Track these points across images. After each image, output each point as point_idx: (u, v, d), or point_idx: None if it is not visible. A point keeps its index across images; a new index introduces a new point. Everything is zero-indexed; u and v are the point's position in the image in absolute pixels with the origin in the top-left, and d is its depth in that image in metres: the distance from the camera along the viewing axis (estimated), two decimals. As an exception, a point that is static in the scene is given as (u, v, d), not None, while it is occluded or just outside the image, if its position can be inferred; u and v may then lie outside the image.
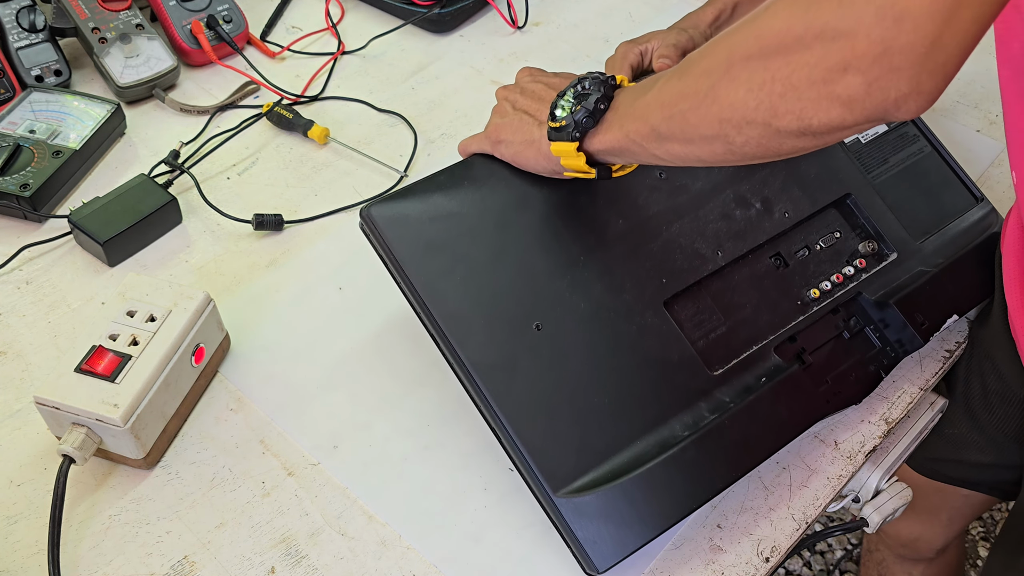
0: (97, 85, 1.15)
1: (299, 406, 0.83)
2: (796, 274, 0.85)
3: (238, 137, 1.09)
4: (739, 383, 0.78)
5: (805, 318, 0.83)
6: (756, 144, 0.61)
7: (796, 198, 0.87)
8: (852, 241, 0.88)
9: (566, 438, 0.72)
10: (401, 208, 0.77)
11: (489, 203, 0.79)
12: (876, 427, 0.84)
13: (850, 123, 0.56)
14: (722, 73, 0.60)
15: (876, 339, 0.84)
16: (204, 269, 0.95)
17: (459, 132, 1.10)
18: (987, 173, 1.07)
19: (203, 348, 0.81)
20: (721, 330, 0.81)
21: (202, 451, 0.80)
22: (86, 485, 0.78)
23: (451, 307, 0.74)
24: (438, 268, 0.75)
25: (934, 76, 0.53)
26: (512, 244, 0.77)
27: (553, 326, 0.75)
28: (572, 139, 0.72)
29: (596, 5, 1.31)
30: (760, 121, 0.59)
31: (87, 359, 0.76)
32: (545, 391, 0.73)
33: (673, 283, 0.80)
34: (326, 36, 1.24)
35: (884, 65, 0.52)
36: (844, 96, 0.54)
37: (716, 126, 0.62)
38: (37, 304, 0.91)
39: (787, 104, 0.57)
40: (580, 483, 0.70)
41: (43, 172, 0.97)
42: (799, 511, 0.78)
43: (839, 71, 0.54)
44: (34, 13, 1.12)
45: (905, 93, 0.53)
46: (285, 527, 0.75)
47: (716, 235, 0.83)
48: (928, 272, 0.87)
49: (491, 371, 0.73)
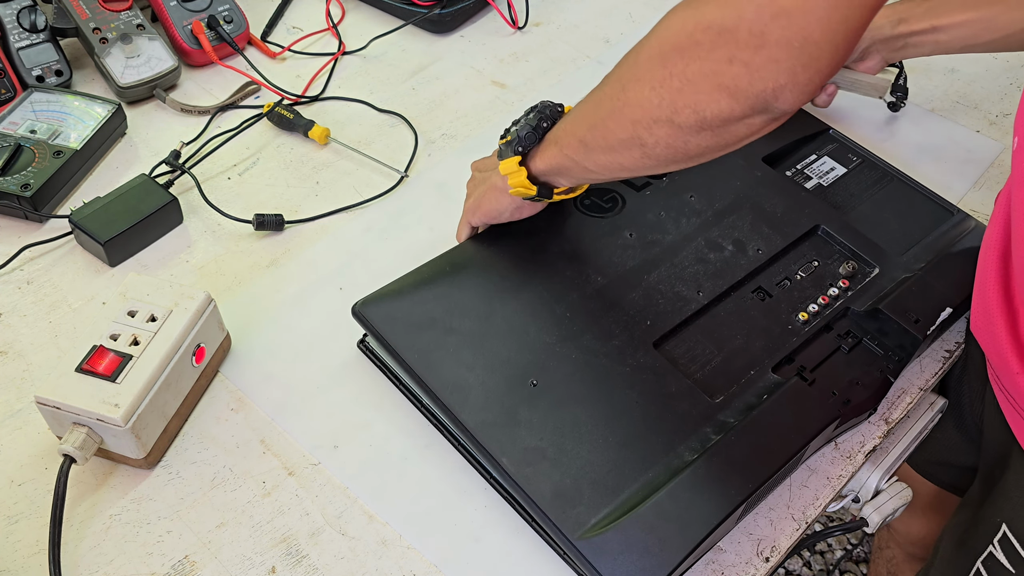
0: (98, 85, 1.15)
1: (300, 406, 0.83)
2: (782, 302, 0.87)
3: (239, 137, 1.09)
4: (741, 404, 0.78)
5: (799, 340, 0.84)
6: (666, 144, 0.66)
7: (767, 235, 0.91)
8: (832, 266, 0.90)
9: (575, 481, 0.72)
10: (389, 298, 0.83)
11: (473, 280, 0.85)
12: (876, 427, 0.84)
13: (738, 113, 0.61)
14: (631, 76, 0.66)
15: (876, 347, 0.84)
16: (205, 269, 0.95)
17: (459, 132, 1.11)
18: (987, 173, 1.07)
19: (204, 348, 0.82)
20: (716, 361, 0.82)
21: (203, 451, 0.80)
22: (87, 485, 0.78)
23: (446, 377, 0.77)
24: (430, 344, 0.79)
25: (807, 69, 0.58)
26: (498, 311, 0.82)
27: (548, 378, 0.78)
28: (515, 152, 0.79)
29: (596, 5, 1.31)
30: (664, 118, 0.64)
31: (88, 359, 0.76)
32: (549, 440, 0.74)
33: (660, 325, 0.83)
34: (327, 36, 1.24)
35: (763, 56, 0.57)
36: (731, 86, 0.59)
37: (630, 128, 0.67)
38: (38, 304, 0.91)
39: (684, 98, 0.62)
40: (596, 520, 0.70)
41: (44, 172, 0.97)
42: (799, 511, 0.78)
43: (725, 62, 0.59)
44: (35, 13, 1.12)
45: (783, 84, 0.58)
46: (286, 527, 0.76)
47: (695, 278, 0.87)
48: (912, 276, 0.89)
49: (492, 429, 0.75)
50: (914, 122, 1.13)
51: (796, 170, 1.00)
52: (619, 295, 0.84)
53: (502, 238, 0.88)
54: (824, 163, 1.01)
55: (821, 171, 1.00)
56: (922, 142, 1.10)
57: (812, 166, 1.00)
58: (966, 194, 1.05)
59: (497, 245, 0.88)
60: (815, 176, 0.99)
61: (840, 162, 1.01)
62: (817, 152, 1.02)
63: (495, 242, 0.88)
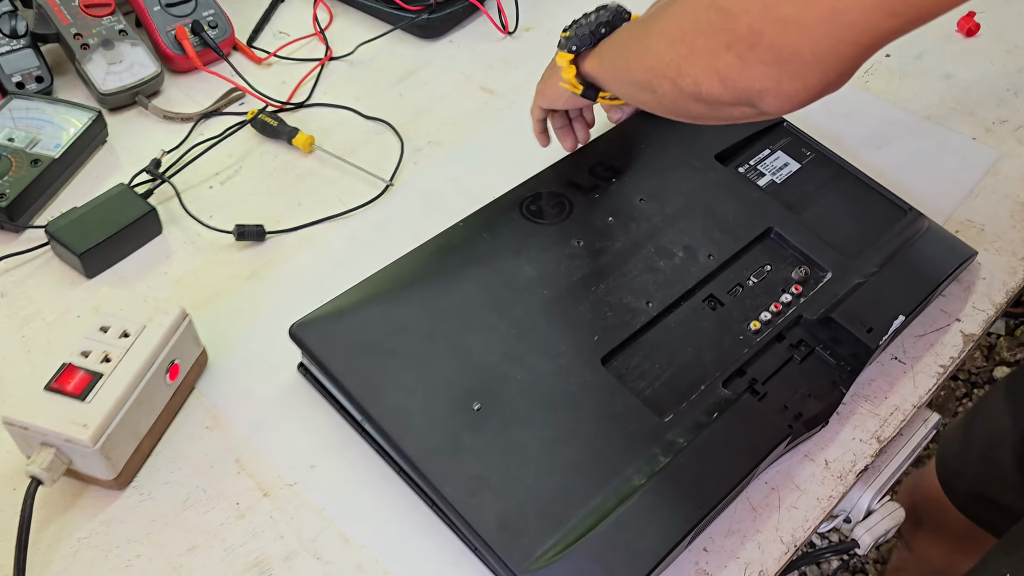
0: (80, 92, 1.13)
1: (277, 423, 0.81)
2: (733, 311, 0.85)
3: (222, 145, 1.07)
4: (691, 423, 0.76)
5: (750, 351, 0.82)
6: (671, 99, 0.69)
7: (719, 240, 0.89)
8: (785, 270, 0.88)
9: (521, 510, 0.70)
10: (328, 318, 0.80)
11: (414, 297, 0.83)
12: (868, 445, 0.82)
13: (727, 99, 0.63)
14: (658, 26, 0.69)
15: (829, 357, 0.83)
16: (184, 281, 0.93)
17: (447, 140, 1.09)
18: (983, 182, 1.05)
19: (178, 364, 0.80)
20: (665, 376, 0.80)
21: (176, 471, 0.78)
22: (55, 506, 0.76)
23: (387, 403, 0.75)
24: (370, 367, 0.77)
25: (792, 82, 0.59)
26: (440, 330, 0.79)
27: (492, 401, 0.75)
28: (568, 51, 0.82)
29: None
30: (669, 77, 0.67)
31: (56, 377, 0.74)
32: (492, 467, 0.72)
33: (607, 340, 0.80)
34: (314, 42, 1.22)
35: (755, 55, 0.59)
36: (723, 72, 0.62)
37: (644, 72, 0.71)
38: (11, 317, 0.89)
39: (687, 66, 0.65)
40: (543, 551, 0.68)
41: (20, 181, 0.95)
42: (788, 533, 0.76)
43: (723, 47, 0.61)
44: (15, 19, 1.10)
45: (767, 88, 0.60)
46: (259, 550, 0.74)
47: (644, 288, 0.85)
48: (864, 283, 0.87)
49: (434, 457, 0.72)
50: (908, 128, 1.11)
51: (749, 166, 0.98)
52: (566, 309, 0.82)
53: (445, 250, 0.86)
54: (778, 158, 0.99)
55: (775, 167, 0.98)
56: (916, 149, 1.08)
57: (765, 162, 0.98)
58: (961, 202, 1.03)
59: (441, 258, 0.85)
60: (768, 172, 0.97)
61: (794, 157, 0.99)
62: (771, 147, 1.00)
63: (439, 254, 0.86)
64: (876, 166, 1.01)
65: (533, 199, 0.90)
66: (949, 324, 0.91)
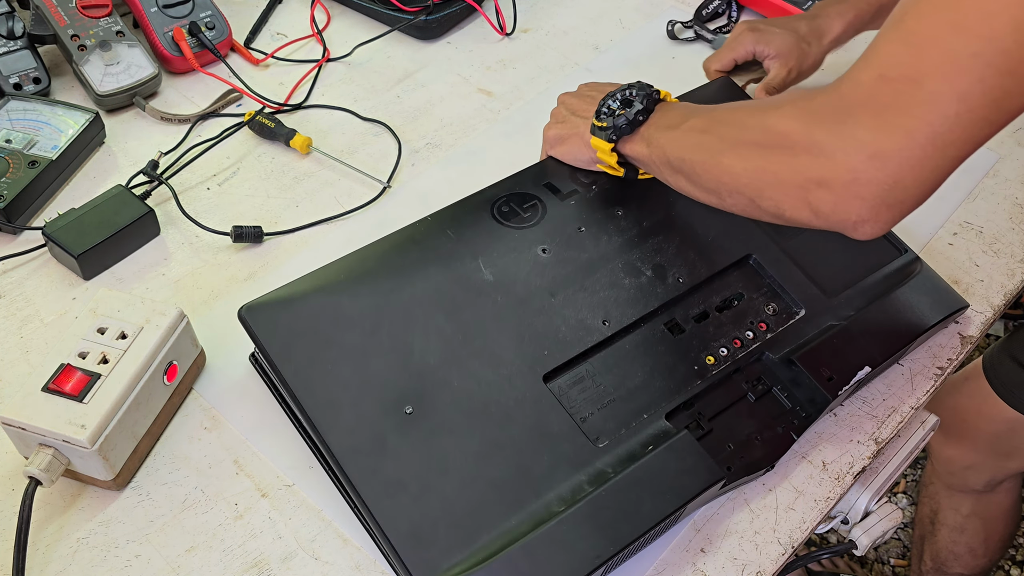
0: (77, 93, 1.13)
1: (275, 424, 0.81)
2: (694, 340, 0.82)
3: (219, 147, 1.07)
4: (624, 452, 0.74)
5: (703, 383, 0.79)
6: (740, 209, 0.71)
7: (692, 262, 0.85)
8: (757, 302, 0.85)
9: (435, 521, 0.68)
10: (276, 304, 0.78)
11: (366, 288, 0.80)
12: (865, 447, 0.82)
13: (815, 226, 0.65)
14: (732, 145, 0.69)
15: (785, 399, 0.80)
16: (181, 282, 0.93)
17: (444, 141, 1.09)
18: (982, 184, 1.05)
19: (176, 366, 0.80)
20: (609, 401, 0.77)
21: (174, 471, 0.78)
22: (54, 507, 0.76)
23: (319, 394, 0.73)
24: (308, 357, 0.75)
25: (891, 210, 0.61)
26: (385, 326, 0.77)
27: (425, 405, 0.73)
28: (609, 140, 0.83)
29: (585, 12, 1.29)
30: (747, 196, 0.69)
31: (54, 378, 0.74)
32: (413, 474, 0.70)
33: (555, 356, 0.78)
34: (311, 43, 1.22)
35: (851, 192, 0.60)
36: (814, 206, 0.63)
37: (714, 183, 0.72)
38: (9, 319, 0.89)
39: (770, 192, 0.66)
40: (448, 566, 0.66)
41: (18, 183, 0.95)
42: (785, 535, 0.76)
43: (815, 184, 0.62)
44: (12, 20, 1.10)
45: (864, 219, 0.62)
46: (258, 551, 0.74)
47: (603, 305, 0.81)
48: (837, 326, 0.83)
49: (356, 456, 0.71)
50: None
51: None
52: (518, 318, 0.79)
53: (407, 244, 0.84)
54: None
55: None
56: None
57: None
58: (960, 204, 1.03)
59: (401, 252, 0.83)
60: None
61: None
62: None
63: (399, 248, 0.83)
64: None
65: (507, 199, 0.88)
66: (947, 326, 0.91)
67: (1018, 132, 1.11)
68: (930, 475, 1.41)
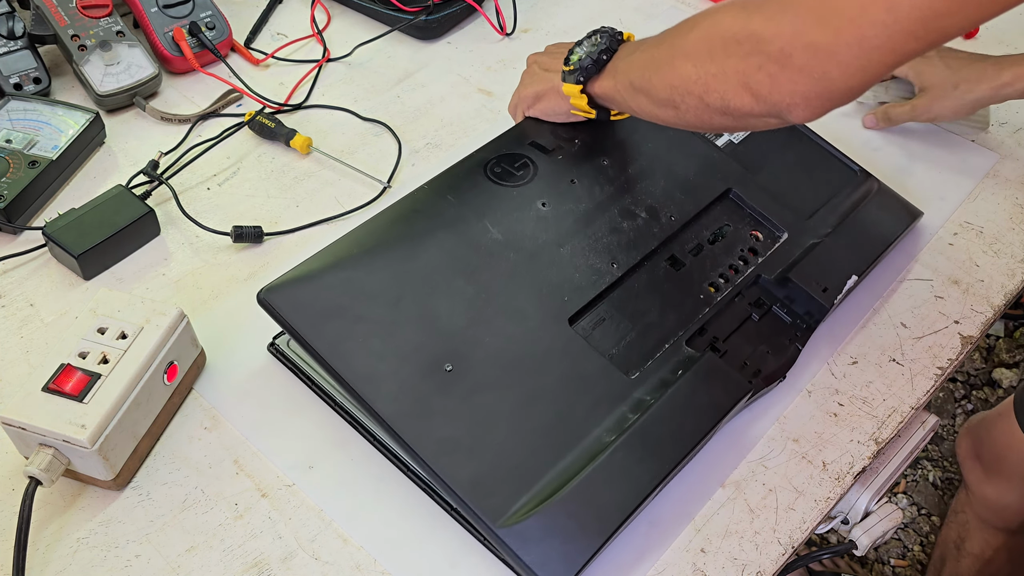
0: (77, 93, 1.13)
1: (275, 424, 0.81)
2: (694, 272, 0.88)
3: (219, 147, 1.07)
4: (657, 380, 0.79)
5: (711, 310, 0.85)
6: (694, 114, 0.75)
7: (680, 201, 0.91)
8: (743, 231, 0.92)
9: (494, 469, 0.71)
10: (295, 284, 0.79)
11: (380, 261, 0.82)
12: (865, 447, 0.82)
13: (756, 112, 0.70)
14: (680, 49, 0.75)
15: (785, 315, 0.87)
16: (182, 282, 0.93)
17: (444, 141, 1.09)
18: (982, 184, 1.05)
19: (176, 366, 0.80)
20: (631, 336, 0.82)
21: (174, 471, 0.78)
22: (55, 506, 0.76)
23: (358, 366, 0.75)
24: (339, 333, 0.77)
25: (820, 98, 0.66)
26: (408, 295, 0.80)
27: (463, 364, 0.76)
28: (577, 82, 0.86)
29: (585, 12, 1.29)
30: (696, 94, 0.73)
31: (55, 378, 0.74)
32: (465, 428, 0.73)
33: (574, 301, 0.82)
34: (311, 43, 1.22)
35: (785, 75, 0.66)
36: (754, 89, 0.68)
37: (668, 90, 0.76)
38: (9, 319, 0.89)
39: (716, 84, 0.71)
40: (516, 508, 0.70)
41: (18, 183, 0.95)
42: (785, 535, 0.76)
43: (755, 68, 0.67)
44: (13, 20, 1.10)
45: (796, 103, 0.67)
46: (258, 551, 0.74)
47: (609, 249, 0.86)
48: (819, 243, 0.90)
49: (408, 419, 0.73)
50: (908, 130, 1.11)
51: None
52: (533, 271, 0.83)
53: (411, 213, 0.86)
54: None
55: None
56: (916, 151, 1.08)
57: None
58: (961, 204, 1.03)
59: (407, 222, 0.85)
60: (727, 132, 0.99)
61: None
62: None
63: (405, 218, 0.86)
64: (876, 167, 1.01)
65: (497, 161, 0.91)
66: (947, 326, 0.91)
67: (1018, 132, 1.11)
68: (963, 503, 1.40)
